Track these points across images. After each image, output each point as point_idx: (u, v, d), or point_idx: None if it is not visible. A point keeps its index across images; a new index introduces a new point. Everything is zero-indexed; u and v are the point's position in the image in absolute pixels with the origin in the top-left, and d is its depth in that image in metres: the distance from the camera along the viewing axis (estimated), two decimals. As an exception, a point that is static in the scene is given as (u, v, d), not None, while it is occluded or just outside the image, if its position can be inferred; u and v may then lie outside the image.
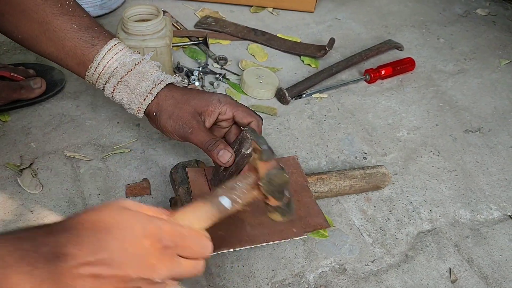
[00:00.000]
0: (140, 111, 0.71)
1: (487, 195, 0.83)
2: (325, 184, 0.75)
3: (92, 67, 0.70)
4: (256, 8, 1.26)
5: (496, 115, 1.01)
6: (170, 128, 0.68)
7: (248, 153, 0.63)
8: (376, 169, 0.79)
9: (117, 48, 0.71)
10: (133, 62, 0.70)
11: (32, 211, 0.72)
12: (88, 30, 0.70)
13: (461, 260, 0.72)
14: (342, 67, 1.06)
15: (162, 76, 0.71)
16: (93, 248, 0.41)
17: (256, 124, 0.69)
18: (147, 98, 0.69)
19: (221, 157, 0.64)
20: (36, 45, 0.71)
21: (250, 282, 0.67)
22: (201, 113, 0.68)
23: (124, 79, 0.70)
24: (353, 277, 0.69)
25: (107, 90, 0.72)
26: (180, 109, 0.68)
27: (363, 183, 0.77)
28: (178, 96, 0.69)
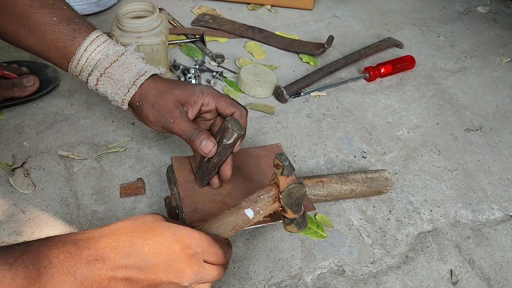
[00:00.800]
0: (124, 102, 0.70)
1: (489, 195, 0.82)
2: (325, 188, 0.73)
3: (74, 59, 0.69)
4: (254, 5, 1.25)
5: (498, 114, 0.99)
6: (152, 118, 0.67)
7: (230, 143, 0.63)
8: (378, 173, 0.77)
9: (100, 40, 0.69)
10: (116, 54, 0.69)
11: (24, 211, 0.71)
12: (69, 22, 0.68)
13: (463, 261, 0.71)
14: (341, 65, 1.04)
15: (146, 67, 0.69)
16: (128, 252, 0.45)
17: (239, 114, 0.67)
18: (131, 90, 0.68)
19: (203, 147, 0.63)
20: (17, 39, 0.70)
21: (246, 284, 0.65)
22: (184, 103, 0.67)
23: (108, 71, 0.69)
24: (352, 279, 0.67)
25: (90, 82, 0.70)
26: (163, 98, 0.67)
27: (364, 188, 0.75)
28: (161, 86, 0.68)
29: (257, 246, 0.70)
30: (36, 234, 0.68)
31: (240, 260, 0.68)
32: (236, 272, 0.66)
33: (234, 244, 0.70)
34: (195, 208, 0.66)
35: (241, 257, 0.68)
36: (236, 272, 0.66)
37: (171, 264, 0.47)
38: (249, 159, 0.75)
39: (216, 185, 0.69)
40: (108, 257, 0.44)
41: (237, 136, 0.63)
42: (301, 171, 0.82)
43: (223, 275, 0.53)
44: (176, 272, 0.48)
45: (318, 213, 0.75)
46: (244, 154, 0.76)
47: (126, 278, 0.45)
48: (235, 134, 0.63)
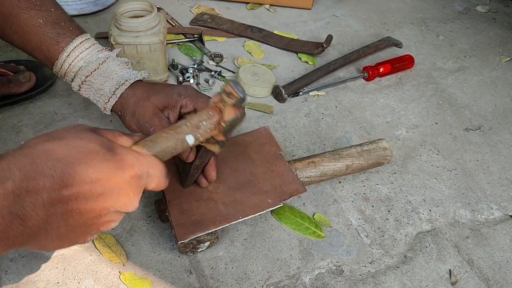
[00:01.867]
0: (106, 110, 0.70)
1: (488, 194, 0.81)
2: (317, 168, 0.70)
3: (57, 64, 0.69)
4: (252, 5, 1.24)
5: (497, 113, 0.99)
6: (135, 127, 0.67)
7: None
8: (375, 144, 0.74)
9: (84, 46, 0.69)
10: (98, 61, 0.69)
11: (21, 211, 0.71)
12: (54, 26, 0.68)
13: (461, 261, 0.71)
14: (340, 64, 1.04)
15: (127, 74, 0.69)
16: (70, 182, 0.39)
17: None
18: (111, 99, 0.68)
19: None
20: (4, 37, 0.70)
21: (244, 284, 0.65)
22: (163, 108, 0.67)
23: (88, 79, 0.69)
24: (351, 279, 0.67)
25: (74, 88, 0.71)
26: (141, 107, 0.66)
27: (361, 161, 0.71)
28: (140, 93, 0.68)
29: (255, 246, 0.69)
30: (33, 234, 0.67)
31: (238, 260, 0.68)
32: (234, 272, 0.66)
33: (232, 244, 0.69)
34: (181, 210, 0.66)
35: (239, 257, 0.68)
36: (234, 272, 0.66)
37: (120, 192, 0.42)
38: (236, 148, 0.75)
39: (204, 184, 0.68)
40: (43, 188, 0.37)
41: None
42: (299, 171, 0.82)
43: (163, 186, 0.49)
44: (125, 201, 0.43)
45: (316, 213, 0.75)
46: (230, 144, 0.76)
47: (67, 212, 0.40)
48: None
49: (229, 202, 0.68)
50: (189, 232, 0.63)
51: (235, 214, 0.66)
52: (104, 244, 0.67)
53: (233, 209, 0.67)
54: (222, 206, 0.67)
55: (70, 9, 1.10)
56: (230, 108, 0.54)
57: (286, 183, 0.70)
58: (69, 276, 0.63)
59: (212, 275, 0.65)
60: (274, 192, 0.69)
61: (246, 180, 0.71)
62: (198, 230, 0.63)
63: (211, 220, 0.65)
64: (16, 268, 0.63)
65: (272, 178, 0.71)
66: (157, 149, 0.50)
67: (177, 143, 0.52)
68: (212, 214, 0.66)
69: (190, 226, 0.64)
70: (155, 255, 0.67)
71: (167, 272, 0.65)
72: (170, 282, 0.64)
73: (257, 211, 0.67)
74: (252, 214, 0.66)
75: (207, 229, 0.64)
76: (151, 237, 0.69)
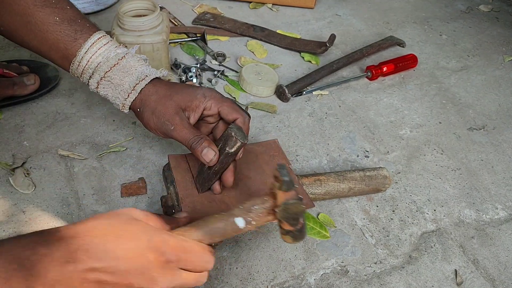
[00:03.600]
0: (124, 107, 0.69)
1: (493, 194, 0.81)
2: (323, 186, 0.73)
3: (75, 61, 0.68)
4: (255, 4, 1.24)
5: (501, 113, 0.98)
6: (153, 125, 0.66)
7: (233, 152, 0.61)
8: (376, 171, 0.76)
9: (101, 42, 0.68)
10: (117, 57, 0.68)
11: (24, 211, 0.70)
12: (71, 23, 0.67)
13: (467, 262, 0.70)
14: (343, 63, 1.04)
15: (147, 70, 0.68)
16: (101, 256, 0.44)
17: (242, 121, 0.66)
18: (131, 95, 0.67)
19: (205, 155, 0.62)
20: (18, 38, 0.69)
21: (249, 284, 0.65)
22: (185, 108, 0.66)
23: (107, 74, 0.68)
24: (356, 279, 0.67)
25: (91, 85, 0.70)
26: (163, 105, 0.65)
27: (362, 186, 0.75)
28: (162, 91, 0.67)
29: (259, 246, 0.69)
30: (37, 234, 0.67)
31: (242, 260, 0.67)
32: (238, 272, 0.66)
33: (236, 245, 0.69)
34: (194, 208, 0.66)
35: (244, 258, 0.68)
36: (238, 273, 0.66)
37: (143, 271, 0.46)
38: (247, 156, 0.75)
39: (217, 191, 0.67)
40: (80, 259, 0.43)
41: (240, 145, 0.61)
42: (303, 171, 0.81)
43: (204, 281, 0.52)
44: (148, 280, 0.47)
45: (321, 213, 0.74)
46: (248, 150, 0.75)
47: (98, 281, 0.44)
48: (238, 143, 0.61)
49: None
50: None
51: None
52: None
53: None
54: None
55: (72, 9, 1.10)
56: (279, 193, 0.53)
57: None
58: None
59: (216, 276, 0.65)
60: None
61: (257, 189, 0.70)
62: None
63: None
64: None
65: None
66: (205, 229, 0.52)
67: (226, 225, 0.53)
68: None
69: None
70: (159, 255, 0.67)
71: (172, 273, 0.65)
72: None
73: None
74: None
75: None
76: (155, 238, 0.69)
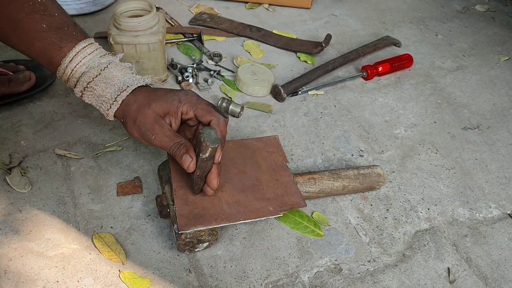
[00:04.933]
0: (108, 116, 0.69)
1: (486, 193, 0.82)
2: (317, 184, 0.73)
3: (60, 69, 0.68)
4: (251, 4, 1.25)
5: (495, 112, 0.99)
6: (137, 134, 0.67)
7: (207, 157, 0.62)
8: (370, 169, 0.77)
9: (86, 51, 0.68)
10: (100, 67, 0.68)
11: (20, 210, 0.71)
12: (57, 30, 0.67)
13: (460, 260, 0.71)
14: (339, 63, 1.04)
15: (130, 80, 0.68)
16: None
17: (216, 122, 0.66)
18: (113, 106, 0.67)
19: (183, 162, 0.63)
20: (8, 42, 0.69)
21: (243, 282, 0.65)
22: (165, 115, 0.66)
23: (90, 85, 0.68)
24: (349, 277, 0.67)
25: (76, 93, 0.70)
26: (142, 114, 0.66)
27: (356, 184, 0.75)
28: (141, 99, 0.67)
29: (253, 245, 0.70)
30: (33, 233, 0.68)
31: (236, 258, 0.68)
32: (233, 270, 0.66)
33: (231, 243, 0.70)
34: (186, 201, 0.67)
35: (238, 256, 0.68)
36: (233, 271, 0.66)
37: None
38: (245, 151, 0.76)
39: (209, 193, 0.68)
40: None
41: (212, 150, 0.61)
42: (298, 170, 0.82)
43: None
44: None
45: (315, 212, 0.75)
46: (240, 145, 0.76)
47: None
48: (210, 148, 0.61)
49: (232, 202, 0.68)
50: (190, 224, 0.63)
51: (237, 215, 0.66)
52: (103, 243, 0.67)
53: (235, 209, 0.67)
54: (225, 205, 0.67)
55: (69, 9, 1.10)
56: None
57: (288, 195, 0.70)
58: (68, 275, 0.63)
59: (211, 274, 0.66)
60: (276, 201, 0.69)
61: (251, 184, 0.71)
62: (199, 224, 0.64)
63: (213, 217, 0.65)
64: (15, 267, 0.63)
65: (276, 187, 0.71)
66: None
67: None
68: (215, 211, 0.66)
69: (192, 218, 0.64)
70: (155, 253, 0.67)
71: (167, 271, 0.65)
72: (169, 281, 0.64)
73: (258, 216, 0.67)
74: (253, 219, 0.67)
75: (208, 225, 0.64)
76: (150, 236, 0.69)
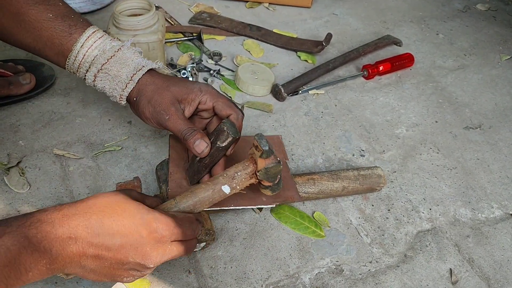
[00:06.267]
0: (122, 98, 0.70)
1: (488, 193, 0.81)
2: (316, 185, 0.73)
3: (71, 56, 0.69)
4: (252, 3, 1.24)
5: (497, 112, 0.98)
6: (148, 114, 0.67)
7: (224, 146, 0.63)
8: (371, 170, 0.76)
9: (96, 35, 0.69)
10: (113, 49, 0.69)
11: (19, 211, 0.70)
12: (64, 18, 0.68)
13: (462, 261, 0.70)
14: (339, 63, 1.04)
15: (144, 61, 0.69)
16: (98, 232, 0.49)
17: (236, 117, 0.67)
18: (129, 85, 0.68)
19: (196, 146, 0.63)
20: (12, 37, 0.69)
21: (243, 283, 0.65)
22: (181, 100, 0.67)
23: (105, 66, 0.68)
24: (350, 278, 0.67)
25: (88, 79, 0.70)
26: (160, 95, 0.66)
27: (356, 185, 0.75)
28: (159, 82, 0.68)
29: (254, 246, 0.69)
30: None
31: (237, 259, 0.67)
32: (233, 271, 0.66)
33: (231, 244, 0.69)
34: (180, 184, 0.66)
35: (238, 257, 0.68)
36: (233, 272, 0.66)
37: (137, 246, 0.50)
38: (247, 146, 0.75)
39: None
40: (80, 235, 0.48)
41: (231, 140, 0.62)
42: (299, 170, 0.81)
43: (192, 250, 0.58)
44: (142, 255, 0.51)
45: (316, 212, 0.74)
46: (242, 141, 0.75)
47: (96, 255, 0.49)
48: (230, 138, 0.62)
49: None
50: None
51: (228, 201, 0.66)
52: (102, 244, 0.66)
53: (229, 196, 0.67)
54: None
55: (68, 8, 1.10)
56: (260, 160, 0.58)
57: (284, 189, 0.70)
58: (67, 276, 0.63)
59: (211, 275, 0.65)
60: None
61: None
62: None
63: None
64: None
65: None
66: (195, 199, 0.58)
67: (214, 193, 0.59)
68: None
69: None
70: (154, 254, 0.67)
71: (166, 272, 0.65)
72: (169, 282, 0.64)
73: (250, 204, 0.68)
74: (244, 206, 0.67)
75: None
76: (149, 237, 0.69)
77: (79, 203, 0.51)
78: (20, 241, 0.45)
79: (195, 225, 0.56)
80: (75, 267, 0.49)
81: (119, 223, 0.50)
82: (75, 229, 0.48)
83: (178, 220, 0.54)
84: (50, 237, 0.47)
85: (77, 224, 0.48)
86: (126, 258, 0.50)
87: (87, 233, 0.48)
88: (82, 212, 0.49)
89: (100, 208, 0.50)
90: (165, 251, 0.53)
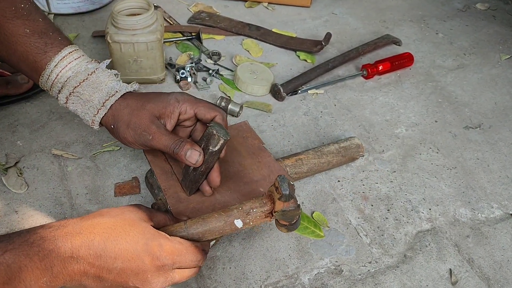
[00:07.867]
0: (94, 123, 0.67)
1: (488, 193, 0.81)
2: (305, 164, 0.76)
3: (44, 75, 0.66)
4: (251, 3, 1.24)
5: (497, 111, 0.98)
6: (131, 138, 0.65)
7: (217, 150, 0.61)
8: (349, 141, 0.81)
9: (73, 56, 0.67)
10: (86, 72, 0.66)
11: (17, 211, 0.70)
12: (41, 35, 0.66)
13: (462, 261, 0.70)
14: (339, 62, 1.03)
15: (117, 86, 0.67)
16: (100, 254, 0.48)
17: (221, 118, 0.65)
18: (100, 111, 0.66)
19: (189, 157, 0.61)
20: None
21: (242, 284, 0.64)
22: (160, 116, 0.65)
23: (77, 90, 0.66)
24: (350, 279, 0.66)
25: (60, 100, 0.68)
26: (137, 116, 0.64)
27: (339, 157, 0.79)
28: (133, 103, 0.65)
29: (253, 246, 0.69)
30: (29, 234, 0.67)
31: (236, 260, 0.67)
32: (232, 272, 0.65)
33: (230, 244, 0.69)
34: (178, 198, 0.66)
35: (237, 257, 0.67)
36: (232, 272, 0.65)
37: (138, 273, 0.50)
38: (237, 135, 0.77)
39: (208, 192, 0.66)
40: (82, 256, 0.48)
41: (223, 142, 0.61)
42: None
43: (194, 275, 0.56)
44: (142, 281, 0.51)
45: (315, 212, 0.74)
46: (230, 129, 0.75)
47: (97, 276, 0.49)
48: (221, 140, 0.60)
49: (223, 190, 0.68)
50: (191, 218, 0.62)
51: (232, 201, 0.66)
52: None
53: (228, 196, 0.67)
54: (218, 195, 0.67)
55: (67, 8, 1.09)
56: (279, 202, 0.56)
57: (274, 173, 0.70)
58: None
59: (210, 275, 0.65)
60: (264, 181, 0.69)
61: (236, 170, 0.71)
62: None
63: (210, 207, 0.65)
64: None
65: (260, 169, 0.71)
66: (205, 227, 0.56)
67: (225, 225, 0.56)
68: (210, 202, 0.66)
69: (190, 213, 0.63)
70: (152, 255, 0.66)
71: (164, 273, 0.64)
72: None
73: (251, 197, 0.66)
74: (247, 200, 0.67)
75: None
76: (148, 237, 0.68)
77: (85, 220, 0.50)
78: (22, 259, 0.45)
79: (200, 256, 0.55)
80: (75, 285, 0.49)
81: (122, 247, 0.49)
82: (77, 249, 0.48)
83: (183, 249, 0.53)
84: (52, 255, 0.46)
85: (80, 244, 0.48)
86: (126, 283, 0.50)
87: (89, 254, 0.48)
88: (86, 232, 0.49)
89: (104, 229, 0.49)
90: (166, 279, 0.52)
